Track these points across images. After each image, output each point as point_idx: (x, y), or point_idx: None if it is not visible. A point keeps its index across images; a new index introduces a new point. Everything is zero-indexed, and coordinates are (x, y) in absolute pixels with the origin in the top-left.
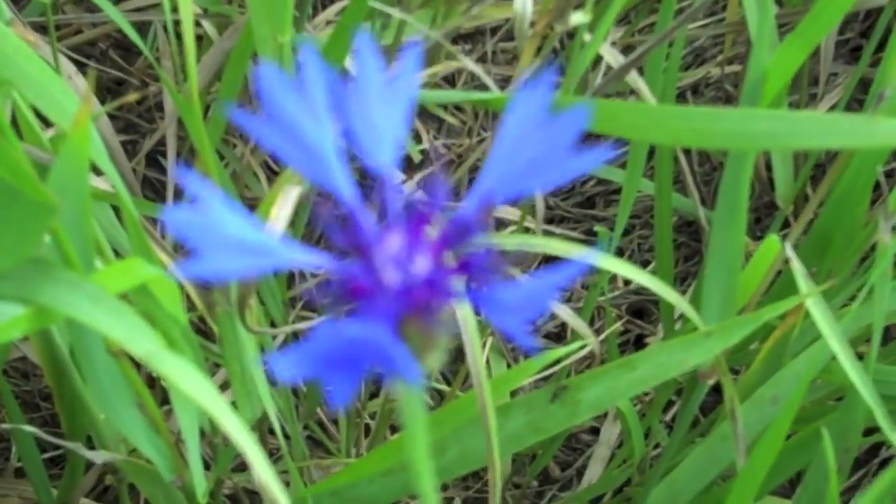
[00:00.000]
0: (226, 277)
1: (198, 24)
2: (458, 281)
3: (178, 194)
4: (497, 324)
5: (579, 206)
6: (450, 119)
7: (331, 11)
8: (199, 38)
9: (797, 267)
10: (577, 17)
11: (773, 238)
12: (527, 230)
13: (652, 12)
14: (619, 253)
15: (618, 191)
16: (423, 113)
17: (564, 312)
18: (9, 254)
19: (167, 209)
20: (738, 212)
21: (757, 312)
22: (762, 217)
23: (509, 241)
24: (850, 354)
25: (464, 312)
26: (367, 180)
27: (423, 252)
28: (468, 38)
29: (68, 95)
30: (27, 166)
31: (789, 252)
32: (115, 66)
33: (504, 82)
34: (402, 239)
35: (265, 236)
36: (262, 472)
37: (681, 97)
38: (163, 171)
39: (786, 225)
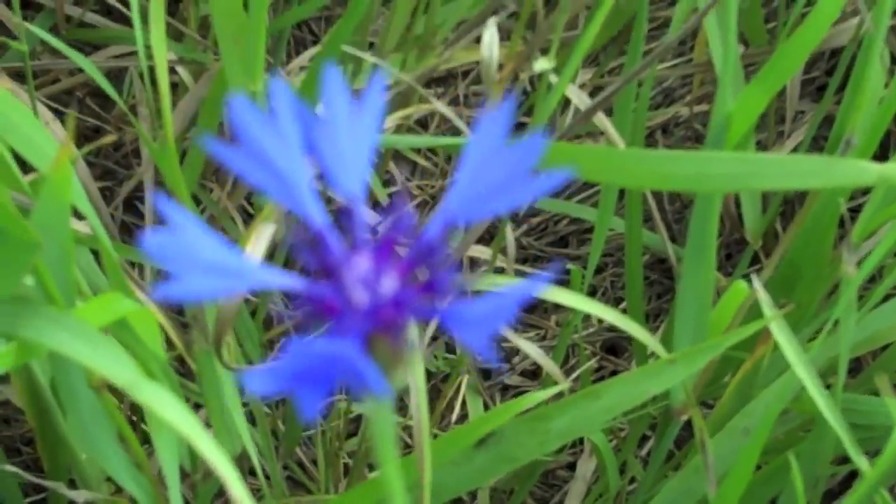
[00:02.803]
0: (200, 298)
1: (173, 70)
2: (423, 299)
3: None
4: (461, 338)
5: (552, 246)
6: (422, 162)
7: (305, 57)
8: (175, 85)
9: (763, 297)
10: (542, 63)
11: (740, 282)
12: (500, 270)
13: (621, 54)
14: (593, 291)
15: (590, 230)
16: (397, 155)
17: (536, 353)
18: None
19: (145, 234)
20: (707, 250)
21: (719, 338)
22: (733, 253)
23: (481, 281)
24: (817, 382)
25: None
26: (336, 208)
27: (389, 273)
28: (441, 81)
29: (48, 140)
30: (11, 206)
31: (756, 284)
32: (92, 114)
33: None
34: (370, 260)
35: (239, 259)
36: (241, 496)
37: (651, 137)
38: (141, 216)
39: (755, 260)
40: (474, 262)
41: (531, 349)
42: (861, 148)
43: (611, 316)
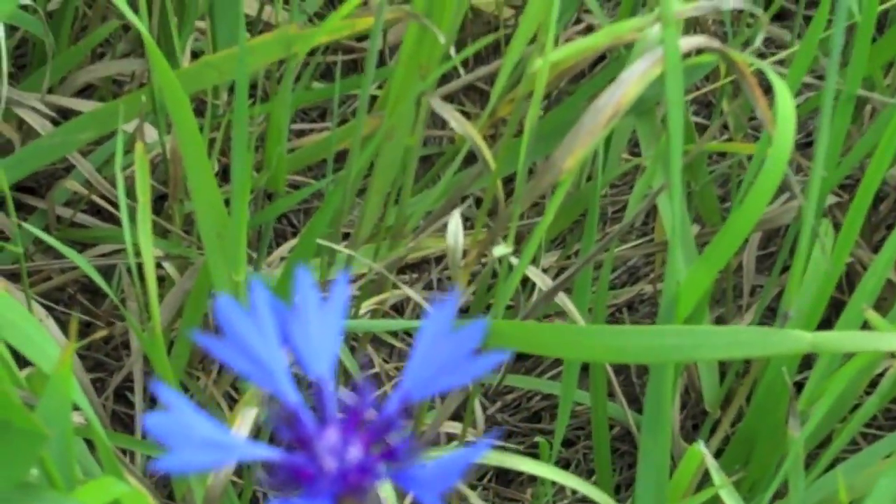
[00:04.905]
0: (196, 469)
1: (160, 266)
2: (384, 465)
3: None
4: (417, 496)
5: (526, 421)
6: (399, 344)
7: (284, 248)
8: (162, 279)
9: (711, 463)
10: (500, 249)
11: (695, 447)
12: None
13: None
14: (567, 464)
15: None
16: (375, 339)
17: None
18: (1, 480)
19: (146, 415)
20: (663, 418)
21: None
22: (699, 423)
23: (436, 449)
24: None
25: None
26: (309, 388)
27: (355, 443)
28: (415, 267)
29: (44, 337)
30: (17, 400)
31: (703, 449)
32: (82, 310)
33: None
34: (338, 433)
35: (227, 436)
36: None
37: (618, 314)
38: (130, 405)
39: (716, 429)
40: (450, 437)
41: None
42: (806, 318)
43: (578, 485)
